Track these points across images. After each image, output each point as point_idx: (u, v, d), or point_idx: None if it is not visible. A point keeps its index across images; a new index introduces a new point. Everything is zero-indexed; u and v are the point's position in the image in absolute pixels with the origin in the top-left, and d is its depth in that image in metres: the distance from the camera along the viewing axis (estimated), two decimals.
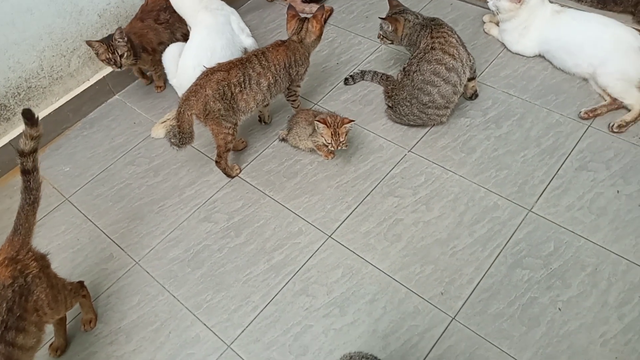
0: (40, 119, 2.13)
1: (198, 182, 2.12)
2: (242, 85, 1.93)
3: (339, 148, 1.96)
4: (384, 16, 2.16)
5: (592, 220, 1.79)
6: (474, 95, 2.21)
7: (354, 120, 1.92)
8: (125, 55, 2.17)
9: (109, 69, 2.46)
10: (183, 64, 2.19)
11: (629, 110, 2.05)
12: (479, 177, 1.96)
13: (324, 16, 1.94)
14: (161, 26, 2.36)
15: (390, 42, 2.19)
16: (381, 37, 2.19)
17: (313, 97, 2.36)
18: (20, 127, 2.28)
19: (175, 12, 2.35)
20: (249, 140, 2.23)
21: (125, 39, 2.16)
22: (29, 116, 1.45)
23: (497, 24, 2.43)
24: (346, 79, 2.38)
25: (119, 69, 2.22)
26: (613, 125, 2.03)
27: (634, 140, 1.99)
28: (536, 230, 1.79)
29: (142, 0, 2.41)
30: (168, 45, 2.31)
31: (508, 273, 1.70)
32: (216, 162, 2.06)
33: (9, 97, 2.19)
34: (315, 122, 1.91)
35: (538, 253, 1.73)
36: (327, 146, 1.97)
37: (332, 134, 1.89)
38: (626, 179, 1.88)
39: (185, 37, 2.40)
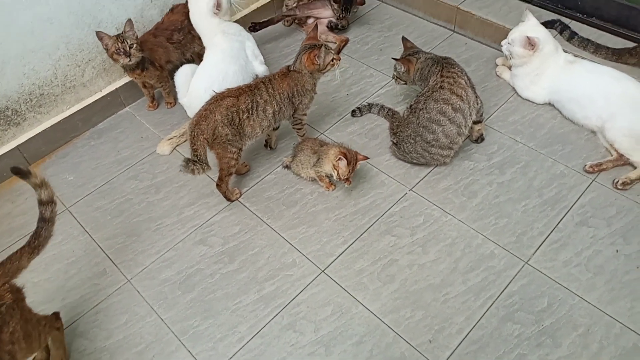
0: (49, 126, 2.18)
1: (198, 202, 2.13)
2: (250, 112, 1.94)
3: (346, 183, 1.98)
4: (397, 57, 2.17)
5: (588, 279, 1.77)
6: (480, 139, 2.20)
7: (368, 157, 1.96)
8: (134, 46, 2.17)
9: (122, 81, 2.50)
10: (195, 85, 2.21)
11: (635, 168, 2.04)
12: (478, 223, 1.95)
13: (315, 53, 1.94)
14: (172, 45, 2.39)
15: (403, 82, 2.22)
16: (395, 77, 2.22)
17: (320, 127, 2.37)
18: (29, 133, 2.31)
19: (188, 33, 2.38)
20: (253, 165, 2.24)
21: (135, 33, 2.18)
22: (18, 172, 1.48)
23: (510, 67, 2.43)
24: (353, 110, 2.39)
25: (129, 61, 2.19)
26: (617, 182, 2.01)
27: (638, 199, 1.97)
28: (531, 284, 1.77)
29: (159, 17, 2.44)
30: (176, 64, 2.35)
31: (499, 326, 1.68)
32: (217, 185, 2.07)
33: (20, 102, 2.22)
34: (338, 155, 1.91)
35: (531, 308, 1.71)
36: (331, 177, 1.99)
37: (349, 171, 1.91)
38: (626, 239, 1.86)
39: (196, 58, 2.43)
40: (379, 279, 1.83)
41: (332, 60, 1.98)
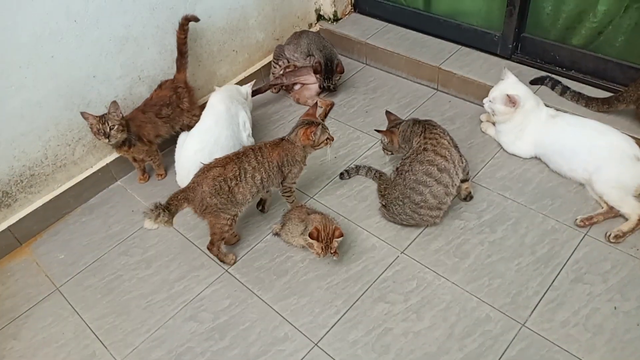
0: (40, 205, 2.19)
1: (188, 276, 2.11)
2: (238, 179, 1.96)
3: (334, 256, 1.97)
4: (379, 129, 2.25)
5: (588, 339, 1.72)
6: (469, 197, 2.20)
7: (342, 234, 1.92)
8: (115, 128, 2.19)
9: (113, 156, 2.53)
10: (186, 146, 2.28)
11: (626, 220, 2.02)
12: (471, 285, 1.92)
13: (312, 130, 1.98)
14: (161, 120, 2.43)
15: (390, 152, 2.28)
16: (383, 149, 2.29)
17: (309, 191, 2.38)
18: (20, 213, 2.33)
19: (177, 107, 2.44)
20: (243, 233, 2.23)
21: (120, 114, 2.21)
22: None
23: (494, 123, 2.46)
24: (341, 173, 2.40)
25: (107, 141, 2.22)
26: (610, 235, 1.99)
27: (632, 252, 1.94)
28: (529, 348, 1.72)
29: (148, 93, 2.50)
30: (166, 137, 2.44)
31: None
32: (208, 247, 2.08)
33: (11, 184, 2.25)
34: (307, 237, 1.91)
35: None
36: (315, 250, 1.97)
37: (323, 248, 1.89)
38: (623, 294, 1.82)
39: (186, 130, 2.48)
40: (373, 350, 1.78)
41: (326, 140, 2.04)
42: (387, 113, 2.34)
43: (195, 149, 2.23)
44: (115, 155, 2.53)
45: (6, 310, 2.10)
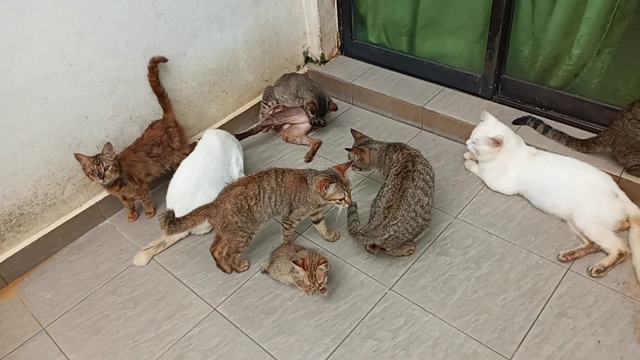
0: (28, 244, 2.20)
1: (176, 315, 2.10)
2: (257, 198, 2.02)
3: (322, 292, 1.99)
4: (349, 147, 2.34)
5: None
6: None
7: (327, 261, 1.94)
8: (110, 168, 2.22)
9: (102, 195, 2.55)
10: (177, 174, 2.36)
11: (607, 255, 2.07)
12: (458, 321, 1.94)
13: (326, 184, 1.97)
14: (152, 159, 2.47)
15: (359, 169, 2.36)
16: (353, 166, 2.34)
17: (298, 228, 2.40)
18: (8, 253, 2.32)
19: (167, 146, 2.49)
20: (233, 273, 2.24)
21: (114, 155, 2.25)
22: None
23: (477, 161, 2.53)
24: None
25: (102, 182, 2.25)
26: (592, 270, 2.04)
27: (613, 286, 1.99)
28: None
29: (139, 133, 2.55)
30: (156, 176, 2.49)
31: None
32: (224, 258, 2.16)
33: (0, 223, 2.25)
34: (292, 262, 1.93)
35: None
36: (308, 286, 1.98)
37: (309, 276, 1.91)
38: (606, 328, 1.85)
39: (174, 168, 2.53)
40: None
41: (339, 200, 2.00)
42: (352, 131, 2.45)
43: (183, 177, 2.31)
44: (104, 194, 2.55)
45: None
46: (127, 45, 2.37)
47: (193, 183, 2.21)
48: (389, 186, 2.08)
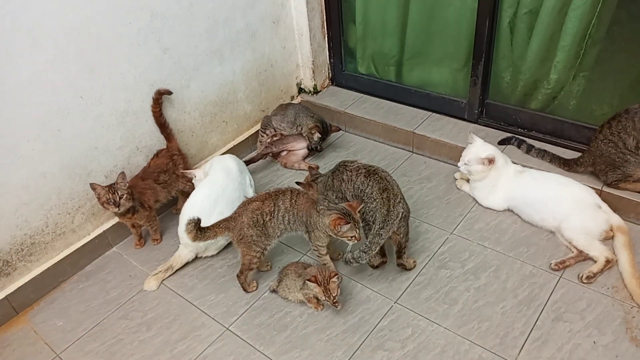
0: (38, 274, 2.25)
1: (190, 336, 2.16)
2: (272, 214, 2.14)
3: (335, 306, 2.08)
4: (299, 182, 2.45)
5: None
6: None
7: (337, 274, 2.04)
8: (124, 197, 2.31)
9: (110, 223, 2.62)
10: (195, 193, 2.45)
11: (595, 262, 2.22)
12: (462, 329, 2.05)
13: (340, 223, 2.01)
14: (160, 186, 2.57)
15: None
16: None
17: (302, 248, 2.50)
18: (18, 282, 2.36)
19: (173, 173, 2.61)
20: (239, 293, 2.31)
21: (127, 183, 2.34)
22: None
23: (468, 180, 2.69)
24: None
25: (117, 210, 2.32)
26: (582, 277, 2.18)
27: (603, 291, 2.13)
28: None
29: (145, 162, 2.65)
30: (164, 202, 2.61)
31: None
32: (237, 275, 2.29)
33: (12, 253, 2.30)
34: (307, 281, 2.03)
35: None
36: (320, 300, 2.08)
37: (323, 291, 2.00)
38: (600, 330, 1.98)
39: (180, 195, 2.64)
40: None
41: (351, 237, 2.05)
42: (310, 168, 2.66)
43: (204, 196, 2.40)
44: (111, 222, 2.62)
45: None
46: (135, 79, 2.49)
47: (212, 202, 2.33)
48: (369, 186, 2.17)
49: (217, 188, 2.42)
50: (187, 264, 2.48)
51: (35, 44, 2.09)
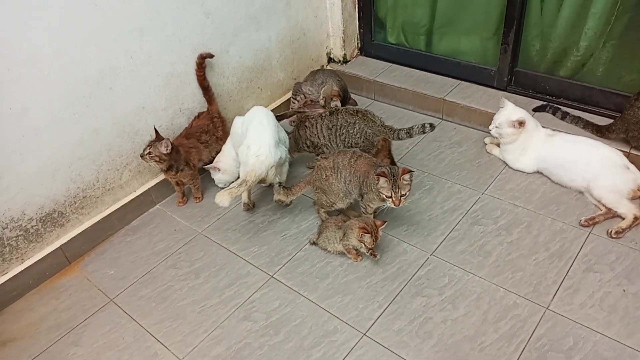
0: (89, 226, 2.39)
1: (237, 283, 2.29)
2: (332, 170, 2.30)
3: (373, 257, 2.21)
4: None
5: (604, 317, 1.96)
6: None
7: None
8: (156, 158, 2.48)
9: (153, 181, 2.75)
10: (262, 131, 2.42)
11: (623, 219, 2.31)
12: (497, 279, 2.16)
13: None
14: (202, 145, 2.69)
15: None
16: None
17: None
18: (71, 233, 2.48)
19: (213, 135, 2.72)
20: (282, 245, 2.44)
21: (170, 148, 2.46)
22: None
23: (498, 144, 2.78)
24: None
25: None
26: (611, 232, 2.27)
27: (632, 245, 2.23)
28: (555, 327, 1.95)
29: (186, 124, 2.76)
30: (205, 162, 2.72)
31: None
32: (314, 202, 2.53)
33: (66, 205, 2.42)
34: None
35: (560, 347, 1.88)
36: (359, 249, 2.20)
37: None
38: (630, 279, 2.08)
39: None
40: (418, 336, 1.98)
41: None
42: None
43: (271, 133, 2.41)
44: (156, 180, 2.74)
45: (64, 321, 2.22)
46: (180, 42, 2.59)
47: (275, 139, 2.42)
48: (341, 120, 2.55)
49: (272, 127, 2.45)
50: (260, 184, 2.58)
51: (93, 2, 2.19)
